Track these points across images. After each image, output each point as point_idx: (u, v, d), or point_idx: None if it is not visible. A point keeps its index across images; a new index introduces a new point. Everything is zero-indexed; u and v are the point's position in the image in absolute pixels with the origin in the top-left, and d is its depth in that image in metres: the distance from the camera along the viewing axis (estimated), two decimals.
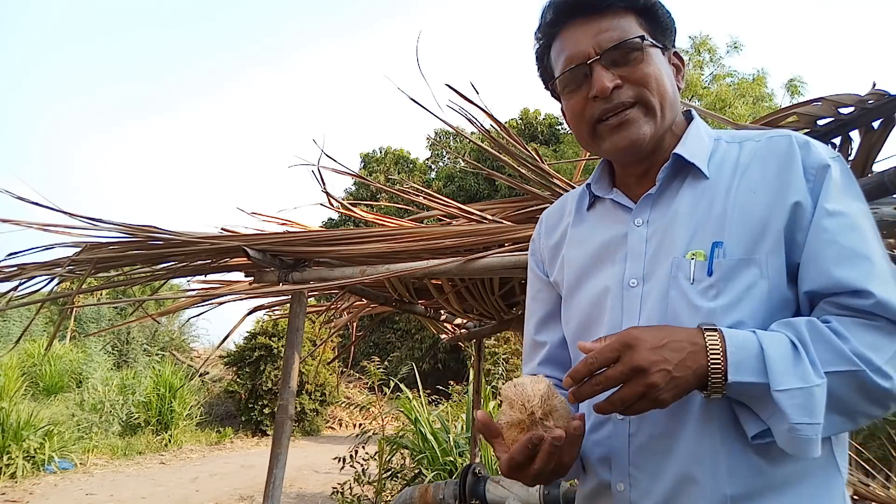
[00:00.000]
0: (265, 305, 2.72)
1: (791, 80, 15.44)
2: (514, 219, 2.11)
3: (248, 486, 6.63)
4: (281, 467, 1.99)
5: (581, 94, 0.93)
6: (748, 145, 0.92)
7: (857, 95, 1.43)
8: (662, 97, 0.91)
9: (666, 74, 0.92)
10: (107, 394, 9.58)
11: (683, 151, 0.92)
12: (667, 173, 0.93)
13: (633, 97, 0.90)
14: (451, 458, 4.86)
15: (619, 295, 0.92)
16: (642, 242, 0.92)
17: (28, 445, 6.87)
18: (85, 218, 2.16)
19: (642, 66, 0.90)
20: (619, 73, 0.90)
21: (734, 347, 0.75)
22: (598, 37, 0.90)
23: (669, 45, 0.97)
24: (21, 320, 13.24)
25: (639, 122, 0.90)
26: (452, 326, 3.56)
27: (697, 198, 0.90)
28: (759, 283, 0.83)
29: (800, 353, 0.75)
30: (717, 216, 0.87)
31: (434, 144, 20.43)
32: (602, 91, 0.89)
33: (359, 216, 2.52)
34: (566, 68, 0.93)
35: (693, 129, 0.96)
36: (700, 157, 0.92)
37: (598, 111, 0.91)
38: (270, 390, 9.99)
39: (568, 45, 0.94)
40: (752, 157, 0.90)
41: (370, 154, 21.02)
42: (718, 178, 0.90)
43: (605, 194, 1.01)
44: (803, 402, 0.72)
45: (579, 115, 0.94)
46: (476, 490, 2.65)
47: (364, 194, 17.40)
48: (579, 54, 0.91)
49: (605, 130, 0.92)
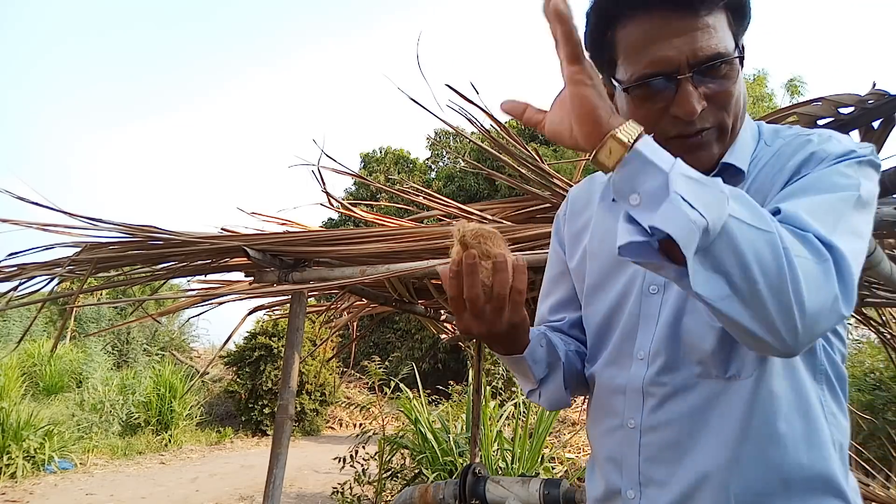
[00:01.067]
0: (265, 305, 2.72)
1: (791, 79, 15.44)
2: (514, 219, 2.11)
3: (248, 486, 6.63)
4: (281, 467, 1.99)
5: (657, 106, 0.81)
6: (777, 143, 0.87)
7: (857, 95, 1.44)
8: (738, 117, 0.84)
9: (742, 88, 0.85)
10: (107, 394, 9.57)
11: (732, 160, 0.86)
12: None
13: (714, 122, 0.82)
14: (451, 458, 4.86)
15: (637, 300, 0.90)
16: None
17: (28, 445, 6.86)
18: (85, 218, 2.16)
19: (729, 86, 0.81)
20: (706, 89, 0.80)
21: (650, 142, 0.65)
22: (694, 44, 0.77)
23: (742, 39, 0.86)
24: (21, 320, 13.24)
25: (712, 145, 0.83)
26: (452, 326, 3.56)
27: None
28: None
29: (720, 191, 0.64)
30: None
31: (434, 144, 20.42)
32: (690, 114, 0.79)
33: (359, 216, 2.52)
34: (646, 73, 0.80)
35: (742, 134, 0.88)
36: (744, 161, 0.87)
37: (675, 131, 0.82)
38: (270, 390, 9.98)
39: (651, 42, 0.79)
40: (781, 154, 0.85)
41: (370, 154, 21.00)
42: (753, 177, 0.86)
43: None
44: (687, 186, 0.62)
45: (652, 124, 0.81)
46: (476, 490, 2.65)
47: (364, 194, 17.40)
48: (667, 61, 0.78)
49: (676, 146, 0.77)
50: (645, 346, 0.89)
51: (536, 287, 2.47)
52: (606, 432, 0.93)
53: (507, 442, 5.06)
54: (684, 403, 0.84)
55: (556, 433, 6.86)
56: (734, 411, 0.80)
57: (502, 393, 7.04)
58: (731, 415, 0.80)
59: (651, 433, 0.87)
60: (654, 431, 0.86)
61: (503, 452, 4.95)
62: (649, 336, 0.89)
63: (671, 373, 0.86)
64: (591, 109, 0.66)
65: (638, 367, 0.89)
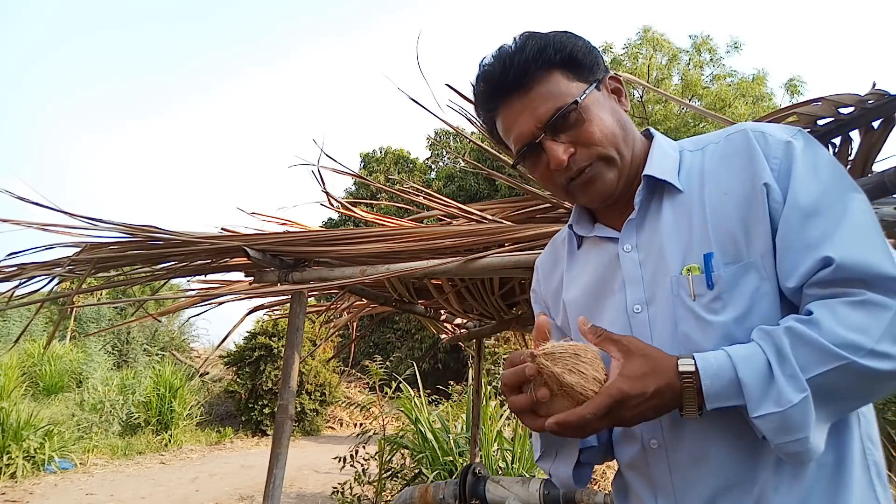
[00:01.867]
0: (265, 305, 2.72)
1: (790, 79, 15.43)
2: (514, 219, 2.11)
3: (248, 486, 6.63)
4: (281, 467, 1.99)
5: (541, 166, 0.96)
6: (709, 149, 0.92)
7: (857, 95, 1.43)
8: (616, 143, 0.92)
9: (609, 116, 0.93)
10: (107, 394, 9.58)
11: (653, 171, 0.92)
12: (643, 195, 0.93)
13: (587, 158, 0.91)
14: (451, 458, 4.86)
15: (626, 324, 0.91)
16: (636, 267, 0.92)
17: (28, 445, 6.87)
18: (85, 218, 2.16)
19: (586, 127, 0.91)
20: (568, 138, 0.91)
21: (709, 380, 0.75)
22: (535, 113, 0.91)
23: (600, 74, 0.96)
24: (21, 320, 13.25)
25: (603, 175, 0.92)
26: (452, 326, 3.56)
27: (677, 213, 0.90)
28: (763, 286, 0.82)
29: (773, 374, 0.74)
30: (700, 227, 0.87)
31: (434, 144, 20.43)
32: (558, 165, 0.91)
33: (359, 216, 2.52)
34: (519, 148, 0.95)
35: (656, 147, 0.96)
36: (670, 173, 0.92)
37: (563, 179, 0.94)
38: (270, 390, 9.99)
39: (511, 126, 0.95)
40: (716, 160, 0.90)
41: (370, 154, 21.01)
42: (691, 188, 0.91)
43: (588, 232, 1.02)
44: (780, 425, 0.73)
45: (549, 183, 0.97)
46: (476, 490, 2.65)
47: (364, 194, 17.40)
48: (525, 134, 0.93)
49: (576, 189, 0.95)
50: None
51: None
52: (632, 457, 0.94)
53: (507, 442, 5.06)
54: None
55: None
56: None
57: (502, 393, 7.03)
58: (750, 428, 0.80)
59: (676, 450, 0.87)
60: (678, 447, 0.86)
61: (503, 452, 4.95)
62: None
63: None
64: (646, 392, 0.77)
65: None
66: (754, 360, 0.75)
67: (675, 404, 0.78)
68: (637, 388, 0.76)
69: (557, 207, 2.07)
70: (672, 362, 0.77)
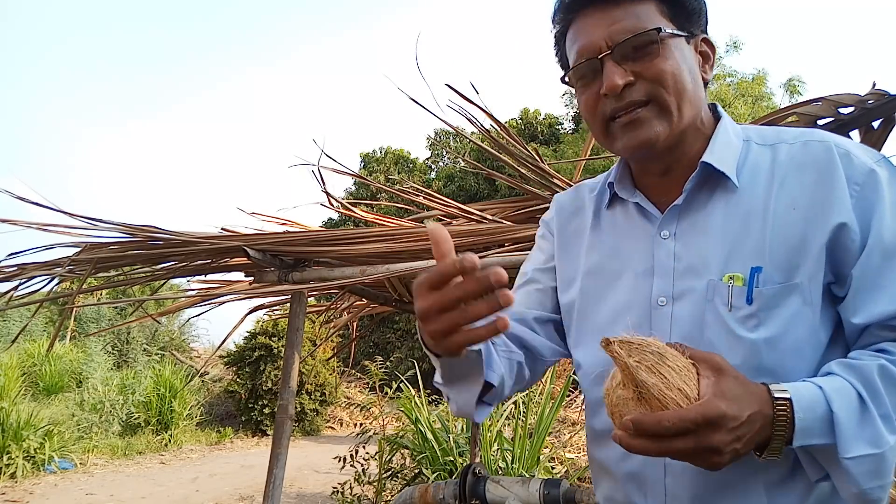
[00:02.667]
0: (265, 305, 2.72)
1: (790, 79, 15.45)
2: (514, 219, 2.11)
3: (248, 486, 6.63)
4: (281, 467, 1.99)
5: (593, 90, 0.88)
6: (782, 149, 0.85)
7: (857, 95, 1.44)
8: (680, 94, 0.84)
9: (687, 68, 0.85)
10: (107, 394, 9.57)
11: (712, 159, 0.85)
12: (695, 182, 0.87)
13: (645, 95, 0.84)
14: (451, 458, 4.86)
15: (646, 313, 0.88)
16: (670, 258, 0.87)
17: (28, 445, 6.86)
18: (85, 218, 2.16)
19: (658, 62, 0.83)
20: (633, 68, 0.84)
21: (802, 412, 0.69)
22: (612, 28, 0.84)
23: (697, 30, 0.89)
24: (21, 320, 13.24)
25: (651, 122, 0.84)
26: None
27: (730, 212, 0.84)
28: (803, 311, 0.78)
29: (869, 411, 0.70)
30: (756, 236, 0.81)
31: (434, 144, 20.43)
32: (612, 89, 0.84)
33: (359, 216, 2.52)
34: (577, 62, 0.88)
35: (722, 130, 0.89)
36: (730, 165, 0.85)
37: (610, 109, 0.86)
38: (270, 390, 9.98)
39: (581, 36, 0.88)
40: (788, 164, 0.83)
41: (370, 154, 21.01)
42: (752, 189, 0.84)
43: (630, 196, 0.94)
44: (874, 468, 0.69)
45: (592, 112, 0.89)
46: (476, 490, 2.65)
47: (364, 194, 17.40)
48: (591, 47, 0.86)
49: (618, 129, 0.87)
50: None
51: None
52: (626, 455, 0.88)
53: (507, 442, 5.06)
54: None
55: (556, 433, 6.86)
56: None
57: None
58: None
59: None
60: None
61: (503, 452, 4.95)
62: None
63: None
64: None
65: None
66: (845, 394, 0.71)
67: (764, 436, 0.70)
68: (734, 409, 0.67)
69: None
70: (764, 388, 0.71)
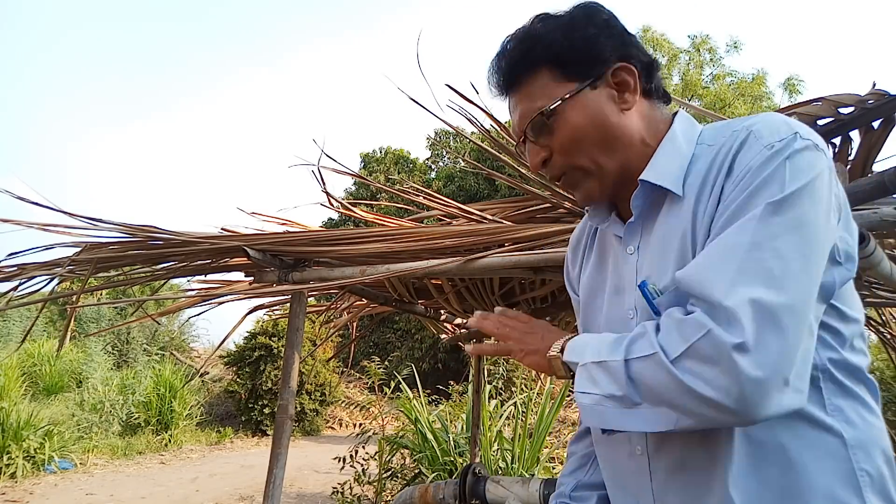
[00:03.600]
0: (265, 305, 2.72)
1: (789, 79, 15.45)
2: (514, 219, 2.11)
3: (248, 486, 6.63)
4: (281, 467, 1.99)
5: None
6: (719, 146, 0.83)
7: (857, 95, 1.44)
8: (591, 153, 0.88)
9: (592, 123, 0.87)
10: (107, 394, 9.57)
11: (650, 176, 0.86)
12: (640, 199, 0.88)
13: (562, 167, 0.92)
14: (451, 458, 4.86)
15: (622, 328, 0.90)
16: (633, 272, 0.90)
17: (28, 445, 6.86)
18: (85, 218, 2.16)
19: (557, 136, 0.89)
20: (546, 142, 0.91)
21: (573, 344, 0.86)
22: (519, 115, 0.93)
23: (600, 69, 0.87)
24: (21, 320, 13.24)
25: (581, 182, 0.92)
26: (452, 326, 3.56)
27: (671, 222, 0.85)
28: None
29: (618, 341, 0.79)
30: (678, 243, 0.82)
31: (434, 144, 20.42)
32: (533, 168, 0.94)
33: (359, 216, 2.52)
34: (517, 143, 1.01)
35: (666, 142, 0.88)
36: (671, 176, 0.85)
37: (548, 178, 0.97)
38: (270, 390, 9.98)
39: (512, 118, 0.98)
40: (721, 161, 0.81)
41: (370, 154, 20.99)
42: (691, 193, 0.83)
43: (602, 224, 0.99)
44: (589, 374, 0.80)
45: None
46: (476, 490, 2.65)
47: (364, 194, 17.39)
48: (517, 132, 0.95)
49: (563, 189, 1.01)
50: None
51: (536, 287, 2.48)
52: (617, 460, 0.93)
53: (507, 442, 5.06)
54: None
55: (556, 433, 6.86)
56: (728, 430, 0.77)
57: (502, 393, 7.04)
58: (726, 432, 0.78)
59: (658, 458, 0.86)
60: (659, 454, 0.86)
61: (503, 452, 4.95)
62: None
63: None
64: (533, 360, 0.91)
65: None
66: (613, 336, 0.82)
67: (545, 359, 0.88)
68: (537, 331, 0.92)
69: (557, 207, 2.07)
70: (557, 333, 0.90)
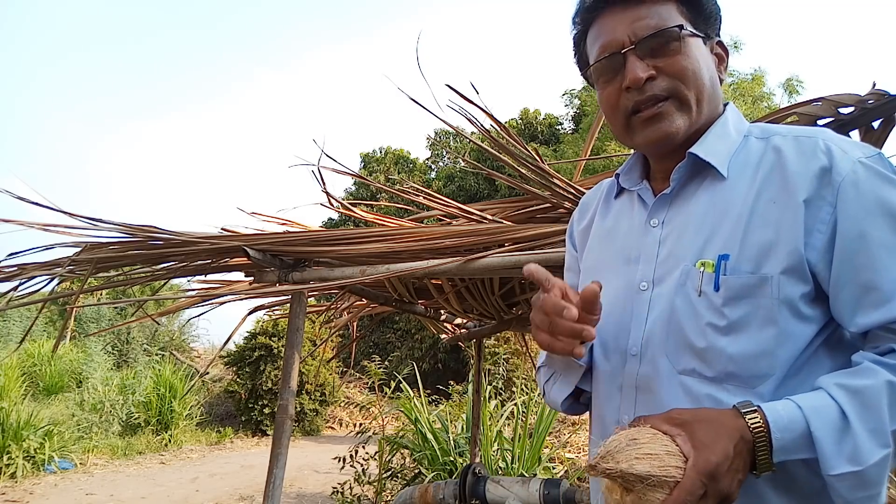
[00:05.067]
0: (265, 305, 2.72)
1: (788, 79, 15.46)
2: (514, 219, 2.11)
3: (248, 486, 6.63)
4: (281, 467, 1.99)
5: (615, 85, 0.90)
6: (774, 141, 0.86)
7: (857, 95, 1.44)
8: (699, 91, 0.87)
9: (705, 66, 0.88)
10: (107, 394, 9.57)
11: (699, 150, 0.87)
12: (682, 172, 0.89)
13: (666, 90, 0.87)
14: (451, 458, 4.86)
15: (630, 298, 0.91)
16: (655, 244, 0.90)
17: (28, 445, 6.86)
18: (85, 218, 2.16)
19: (679, 58, 0.86)
20: (655, 63, 0.87)
21: (779, 433, 0.71)
22: (635, 24, 0.87)
23: (712, 33, 0.92)
24: (21, 320, 13.24)
25: (672, 116, 0.87)
26: (452, 326, 3.56)
27: (714, 202, 0.86)
28: (773, 305, 0.78)
29: (850, 428, 0.71)
30: (732, 225, 0.82)
31: (434, 144, 20.42)
32: (635, 82, 0.86)
33: (359, 216, 2.52)
34: (600, 56, 0.91)
35: (718, 124, 0.90)
36: (718, 157, 0.87)
37: (632, 103, 0.88)
38: (270, 390, 9.98)
39: (603, 33, 0.91)
40: (776, 158, 0.84)
41: (370, 154, 20.99)
42: (738, 179, 0.85)
43: (632, 186, 0.98)
44: (857, 483, 0.71)
45: (613, 106, 0.92)
46: (476, 490, 2.65)
47: (364, 194, 17.39)
48: (614, 42, 0.89)
49: (638, 123, 0.89)
50: (637, 343, 0.88)
51: (536, 288, 2.47)
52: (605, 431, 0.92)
53: (507, 442, 5.06)
54: (672, 401, 0.83)
55: (556, 433, 6.86)
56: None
57: (502, 393, 7.04)
58: None
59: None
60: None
61: (503, 452, 4.95)
62: (640, 332, 0.88)
63: (657, 369, 0.86)
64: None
65: (632, 364, 0.89)
66: (825, 411, 0.72)
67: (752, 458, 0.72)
68: (720, 452, 0.69)
69: (557, 207, 2.07)
70: (734, 412, 0.73)
